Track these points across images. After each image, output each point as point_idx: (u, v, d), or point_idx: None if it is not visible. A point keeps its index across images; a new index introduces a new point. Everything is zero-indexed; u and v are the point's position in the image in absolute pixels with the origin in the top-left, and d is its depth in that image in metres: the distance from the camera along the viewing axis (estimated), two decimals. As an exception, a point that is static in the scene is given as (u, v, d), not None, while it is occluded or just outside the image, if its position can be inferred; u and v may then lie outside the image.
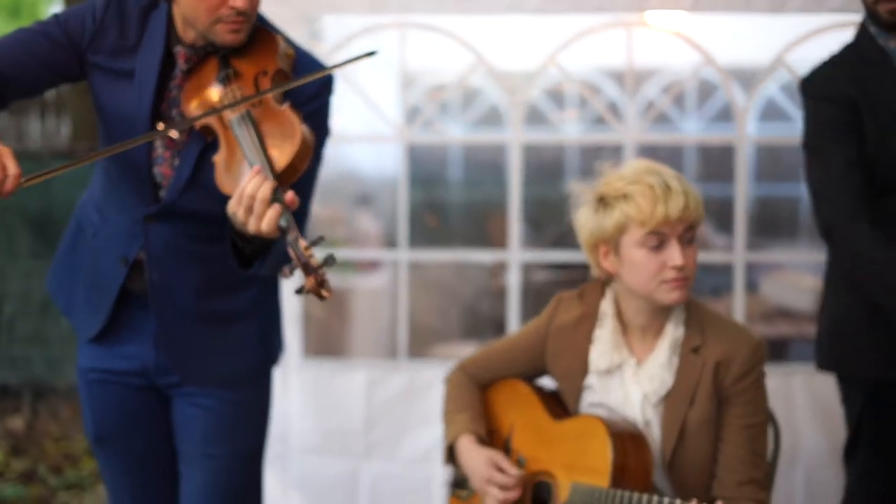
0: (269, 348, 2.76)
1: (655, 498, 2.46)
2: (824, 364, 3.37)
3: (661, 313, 2.68)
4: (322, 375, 3.99)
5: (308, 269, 2.12)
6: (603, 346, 2.71)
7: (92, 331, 2.66)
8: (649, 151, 5.04)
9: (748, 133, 4.02)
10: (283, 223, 2.18)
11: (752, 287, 4.95)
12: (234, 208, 2.23)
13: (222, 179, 2.30)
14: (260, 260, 2.37)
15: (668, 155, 5.26)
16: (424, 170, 5.89)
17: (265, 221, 2.19)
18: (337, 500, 3.98)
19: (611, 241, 2.66)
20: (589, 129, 6.18)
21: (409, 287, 4.04)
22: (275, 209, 2.19)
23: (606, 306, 2.74)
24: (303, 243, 2.13)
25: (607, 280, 2.75)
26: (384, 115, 4.10)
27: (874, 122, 3.15)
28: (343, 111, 4.26)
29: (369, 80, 4.17)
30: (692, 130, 6.33)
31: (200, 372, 2.65)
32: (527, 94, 4.12)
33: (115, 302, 2.61)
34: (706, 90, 6.50)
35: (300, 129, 2.28)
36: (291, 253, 2.14)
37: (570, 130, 6.26)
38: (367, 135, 4.55)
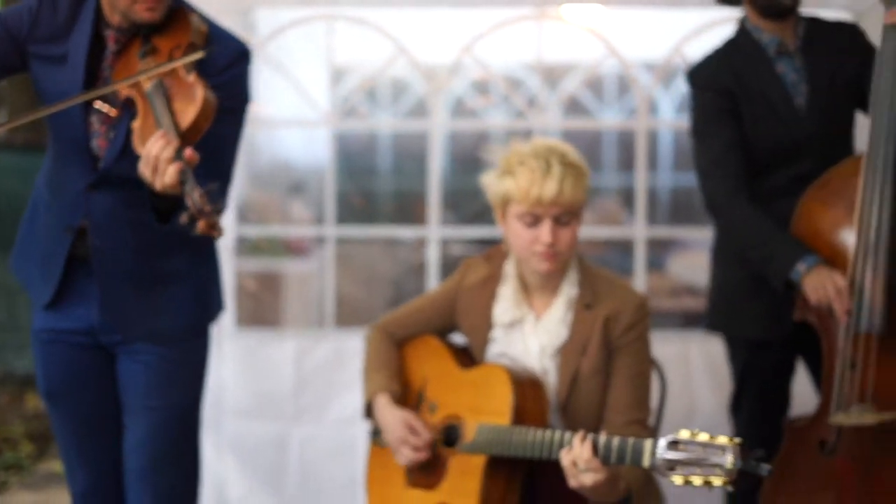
0: (206, 308, 2.98)
1: (549, 432, 2.80)
2: (712, 326, 3.76)
3: (556, 274, 3.03)
4: (254, 344, 4.28)
5: (201, 214, 2.38)
6: (506, 302, 3.06)
7: (45, 298, 2.87)
8: (569, 140, 5.40)
9: (650, 122, 4.38)
10: (183, 178, 2.44)
11: (659, 265, 5.33)
12: (143, 168, 2.49)
13: (138, 144, 2.55)
14: (176, 214, 2.54)
15: (588, 144, 5.59)
16: (354, 160, 6.17)
17: (167, 177, 2.45)
18: (268, 461, 4.26)
19: (501, 207, 3.00)
20: (514, 119, 6.51)
21: (337, 264, 4.36)
22: (175, 166, 2.44)
23: (509, 268, 3.09)
24: (198, 192, 2.39)
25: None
26: (314, 103, 4.40)
27: (750, 109, 3.53)
28: (275, 100, 4.58)
29: (301, 70, 4.47)
30: (610, 120, 6.65)
31: (140, 330, 2.86)
32: (447, 85, 4.44)
33: (64, 269, 2.83)
34: (626, 82, 6.84)
35: (203, 93, 2.53)
36: (188, 200, 2.40)
37: (494, 121, 6.57)
38: (295, 119, 4.80)
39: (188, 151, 2.47)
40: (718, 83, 3.55)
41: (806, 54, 3.57)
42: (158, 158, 2.47)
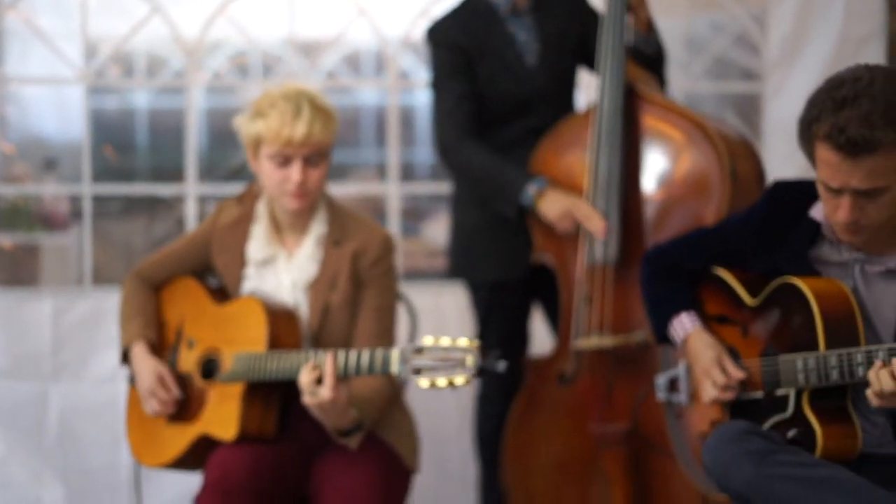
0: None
1: (302, 353, 3.04)
2: (453, 272, 4.07)
3: (306, 213, 3.27)
4: (11, 304, 4.38)
5: None
6: (258, 241, 3.28)
7: None
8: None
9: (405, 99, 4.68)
10: None
11: (415, 231, 5.63)
12: None
13: None
14: None
15: (347, 121, 5.82)
16: (110, 136, 6.23)
17: None
18: (27, 421, 4.34)
19: (253, 148, 3.23)
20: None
21: (94, 224, 4.48)
22: None
23: (262, 207, 3.31)
24: None
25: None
26: (68, 77, 4.52)
27: (484, 66, 3.88)
28: (27, 68, 4.65)
29: (56, 42, 4.57)
30: (370, 98, 6.90)
31: None
32: (203, 60, 4.63)
33: None
34: (382, 59, 7.10)
35: None
36: None
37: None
38: (49, 94, 4.91)
39: None
40: (452, 40, 3.88)
41: (536, 15, 3.92)
42: None
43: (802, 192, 2.79)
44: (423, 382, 2.77)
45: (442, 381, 2.75)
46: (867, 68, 2.61)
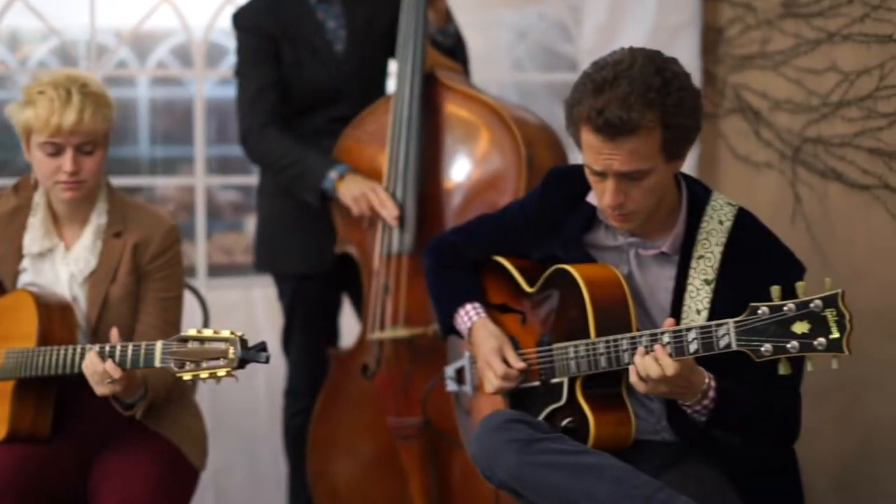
0: None
1: (71, 349, 2.97)
2: (260, 265, 4.04)
3: (85, 204, 3.20)
4: None
5: None
6: (35, 232, 3.20)
7: None
8: (163, 109, 5.56)
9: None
10: None
11: (239, 226, 5.58)
12: None
13: None
14: None
15: (181, 113, 5.73)
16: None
17: None
18: None
19: (25, 137, 3.14)
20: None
21: None
22: None
23: (39, 197, 3.23)
24: None
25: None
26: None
27: (292, 53, 3.83)
28: None
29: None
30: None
31: None
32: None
33: None
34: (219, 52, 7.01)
35: None
36: None
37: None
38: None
39: None
40: (259, 26, 3.83)
41: (345, 2, 3.90)
42: None
43: (579, 178, 2.79)
44: (186, 375, 2.73)
45: (204, 374, 2.71)
46: (630, 51, 2.64)
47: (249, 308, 4.53)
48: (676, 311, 2.72)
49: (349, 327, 4.13)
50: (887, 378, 3.64)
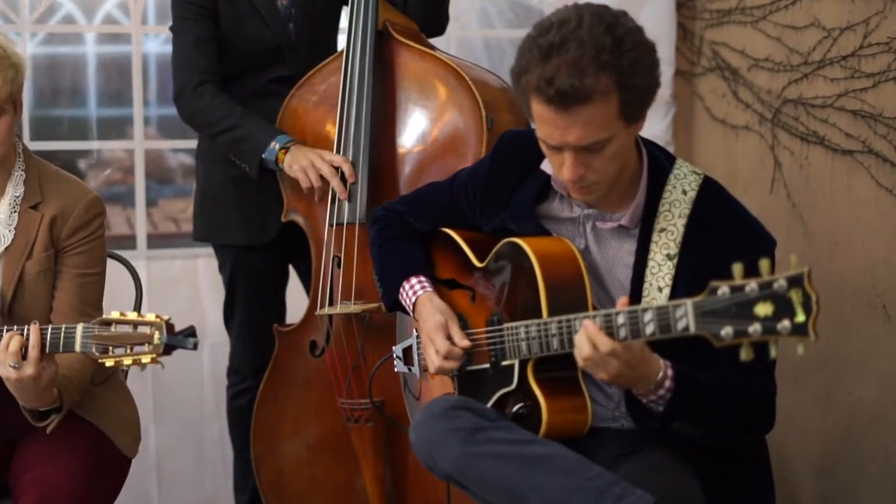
0: None
1: None
2: (199, 236, 3.90)
3: (1, 175, 3.05)
4: None
5: None
6: (-55, 205, 3.05)
7: None
8: (112, 68, 5.41)
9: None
10: None
11: (189, 193, 5.43)
12: None
13: None
14: None
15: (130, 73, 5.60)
16: None
17: None
18: None
19: None
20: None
21: None
22: None
23: (-51, 168, 3.08)
24: None
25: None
26: None
27: (233, 10, 3.68)
28: None
29: None
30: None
31: None
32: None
33: None
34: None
35: None
36: None
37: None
38: None
39: None
40: None
41: None
42: None
43: (532, 143, 2.63)
44: (109, 361, 2.60)
45: (127, 360, 2.59)
46: (576, 8, 2.46)
47: (193, 280, 4.40)
48: (637, 288, 2.59)
49: (297, 302, 3.98)
50: (870, 355, 3.53)
